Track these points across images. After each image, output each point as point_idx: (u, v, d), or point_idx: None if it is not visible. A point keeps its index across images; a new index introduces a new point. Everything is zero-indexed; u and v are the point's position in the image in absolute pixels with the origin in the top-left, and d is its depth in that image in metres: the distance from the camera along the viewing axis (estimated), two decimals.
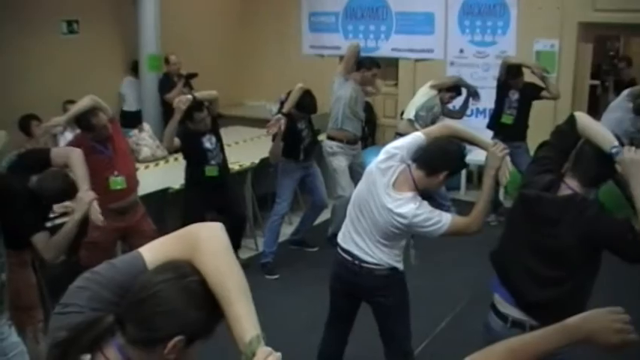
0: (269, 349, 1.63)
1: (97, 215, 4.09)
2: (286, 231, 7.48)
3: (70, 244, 4.07)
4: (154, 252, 1.82)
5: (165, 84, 9.13)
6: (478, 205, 3.76)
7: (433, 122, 6.97)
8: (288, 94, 6.54)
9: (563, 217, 3.10)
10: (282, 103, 6.59)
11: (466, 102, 7.94)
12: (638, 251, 2.95)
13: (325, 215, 7.54)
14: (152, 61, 9.30)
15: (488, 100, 8.34)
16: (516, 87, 7.79)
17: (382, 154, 3.83)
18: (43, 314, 4.63)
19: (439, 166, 3.73)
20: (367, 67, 7.11)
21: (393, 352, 4.15)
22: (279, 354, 1.63)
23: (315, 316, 4.58)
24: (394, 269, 3.95)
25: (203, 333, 1.73)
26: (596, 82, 10.75)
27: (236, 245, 6.85)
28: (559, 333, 1.73)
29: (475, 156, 9.12)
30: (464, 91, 7.81)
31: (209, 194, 6.03)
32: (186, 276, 1.70)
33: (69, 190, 4.26)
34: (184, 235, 1.84)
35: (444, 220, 3.68)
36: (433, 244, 4.73)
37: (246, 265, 6.81)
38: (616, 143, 3.05)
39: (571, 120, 3.26)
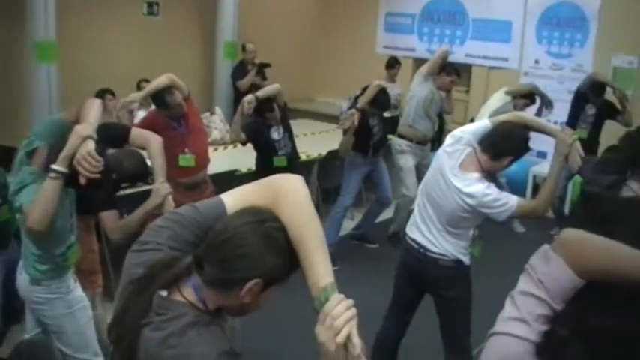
0: (342, 295, 1.66)
1: (170, 210, 4.12)
2: (348, 226, 7.50)
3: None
4: (235, 198, 1.87)
5: (239, 71, 9.26)
6: (544, 190, 3.77)
7: None
8: (364, 89, 6.57)
9: (621, 218, 3.07)
10: (356, 98, 6.61)
11: (539, 111, 7.83)
12: None
13: (388, 213, 7.56)
14: (228, 47, 9.47)
15: (560, 113, 8.24)
16: (595, 103, 7.72)
17: (449, 139, 3.87)
18: (102, 280, 4.73)
19: (503, 150, 3.75)
20: (447, 72, 7.12)
21: (451, 347, 4.13)
22: (351, 301, 1.65)
23: (373, 308, 4.54)
24: (459, 262, 3.96)
25: (279, 279, 1.77)
26: None
27: None
28: None
29: (541, 168, 9.11)
30: (538, 100, 7.74)
31: None
32: (266, 221, 1.74)
33: (145, 175, 4.31)
34: (266, 184, 1.87)
35: (510, 202, 3.68)
36: (503, 248, 4.67)
37: None
38: None
39: None
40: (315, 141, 8.24)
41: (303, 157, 7.07)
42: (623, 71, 8.94)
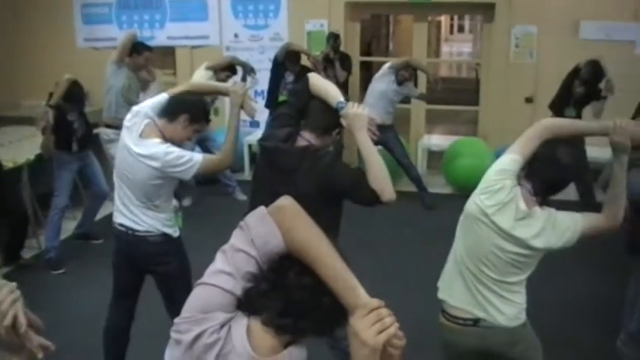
0: (4, 281, 1.68)
1: None
2: (71, 226, 7.34)
3: None
4: None
5: None
6: (226, 142, 3.97)
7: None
8: (56, 85, 6.39)
9: (300, 167, 3.36)
10: (50, 96, 6.43)
11: (243, 79, 8.13)
12: (369, 196, 3.26)
13: (109, 208, 7.46)
14: None
15: (265, 81, 8.61)
16: (293, 71, 8.18)
17: (128, 115, 3.93)
18: None
19: (176, 109, 3.87)
20: (138, 51, 7.13)
21: None
22: (14, 284, 1.68)
23: (106, 302, 4.57)
24: (167, 235, 4.05)
25: None
26: (368, 58, 11.24)
27: (19, 245, 6.64)
28: None
29: (255, 137, 9.43)
30: (240, 70, 8.00)
31: None
32: None
33: None
34: None
35: (195, 157, 3.82)
36: (225, 217, 4.79)
37: (30, 265, 6.63)
38: (342, 99, 3.37)
39: (305, 81, 3.56)
40: (23, 146, 7.86)
41: (10, 164, 6.78)
42: (316, 34, 9.47)
